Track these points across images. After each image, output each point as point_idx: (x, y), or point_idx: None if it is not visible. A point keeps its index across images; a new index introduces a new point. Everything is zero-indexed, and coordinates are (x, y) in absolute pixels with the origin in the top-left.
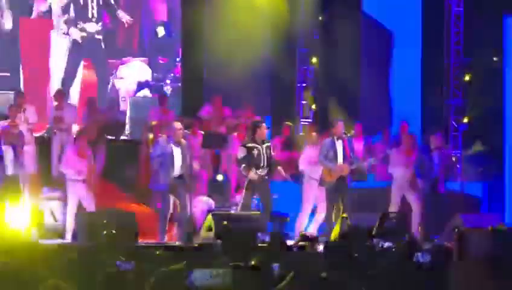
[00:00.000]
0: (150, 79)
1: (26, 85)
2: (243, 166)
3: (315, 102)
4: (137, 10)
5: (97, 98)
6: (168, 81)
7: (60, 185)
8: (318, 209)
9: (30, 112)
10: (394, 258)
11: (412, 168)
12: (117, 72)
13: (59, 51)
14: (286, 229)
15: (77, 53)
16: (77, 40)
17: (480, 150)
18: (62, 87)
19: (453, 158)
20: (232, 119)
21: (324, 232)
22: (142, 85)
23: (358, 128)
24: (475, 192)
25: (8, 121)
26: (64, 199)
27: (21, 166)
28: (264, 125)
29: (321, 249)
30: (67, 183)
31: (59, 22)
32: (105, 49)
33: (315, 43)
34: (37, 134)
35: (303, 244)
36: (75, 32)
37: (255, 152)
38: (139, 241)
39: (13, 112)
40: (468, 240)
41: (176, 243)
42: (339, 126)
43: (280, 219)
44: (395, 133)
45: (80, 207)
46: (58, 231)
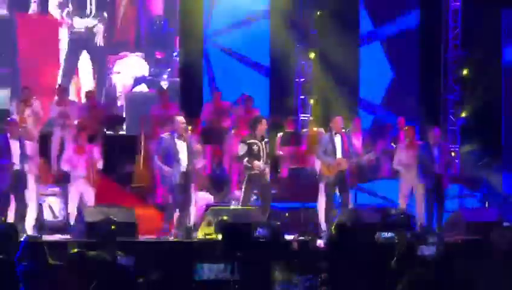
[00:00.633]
0: (147, 74)
1: (24, 81)
2: (246, 159)
3: (313, 97)
4: (133, 5)
5: (96, 93)
6: (165, 76)
7: (59, 181)
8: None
9: (36, 107)
10: (398, 251)
11: (417, 161)
12: (114, 67)
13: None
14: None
15: (75, 48)
16: (75, 35)
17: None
18: (60, 82)
19: (452, 153)
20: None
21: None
22: (139, 80)
23: (356, 123)
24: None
25: (16, 116)
26: (63, 195)
27: (28, 160)
28: (264, 121)
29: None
30: (70, 178)
31: (57, 17)
32: (103, 44)
33: (313, 38)
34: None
35: (303, 239)
36: (74, 26)
37: (255, 148)
38: (139, 237)
39: (20, 107)
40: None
41: (176, 239)
42: (337, 121)
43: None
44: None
45: (81, 203)
46: (57, 227)
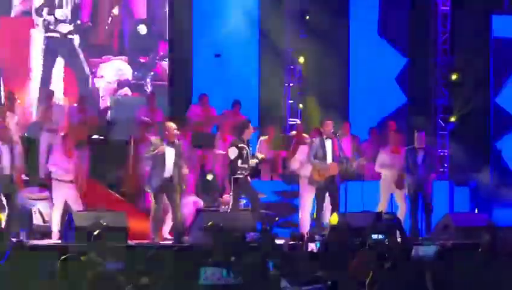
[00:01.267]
0: (130, 78)
1: (6, 85)
2: (240, 161)
3: (302, 101)
4: (116, 8)
5: (85, 98)
6: (148, 79)
7: (48, 186)
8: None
9: (18, 113)
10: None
11: (400, 166)
12: (97, 71)
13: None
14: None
15: (52, 53)
16: (52, 40)
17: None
18: (41, 86)
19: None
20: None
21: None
22: (123, 84)
23: (346, 127)
24: (462, 191)
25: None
26: (51, 200)
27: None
28: (251, 126)
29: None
30: (53, 183)
31: (36, 21)
32: (79, 49)
33: (302, 43)
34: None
35: (294, 243)
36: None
37: (244, 152)
38: (129, 241)
39: (3, 112)
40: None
41: (167, 243)
42: (328, 125)
43: (269, 219)
44: (383, 132)
45: (66, 207)
46: (46, 232)
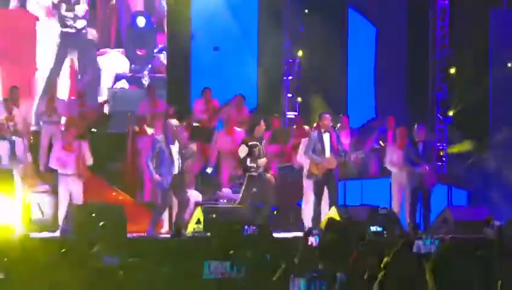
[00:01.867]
0: (128, 71)
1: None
2: (248, 160)
3: (301, 95)
4: (113, 1)
5: (84, 92)
6: (146, 72)
7: (48, 179)
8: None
9: (24, 106)
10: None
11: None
12: None
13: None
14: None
15: (65, 47)
16: (67, 34)
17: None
18: (50, 79)
19: (441, 152)
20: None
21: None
22: (120, 77)
23: (344, 121)
24: (461, 185)
25: (4, 115)
26: (52, 193)
27: (16, 159)
28: (263, 122)
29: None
30: (58, 177)
31: (51, 15)
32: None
33: (301, 36)
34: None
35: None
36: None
37: (255, 150)
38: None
39: (8, 106)
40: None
41: (166, 236)
42: (326, 119)
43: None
44: (381, 126)
45: (70, 200)
46: (45, 225)
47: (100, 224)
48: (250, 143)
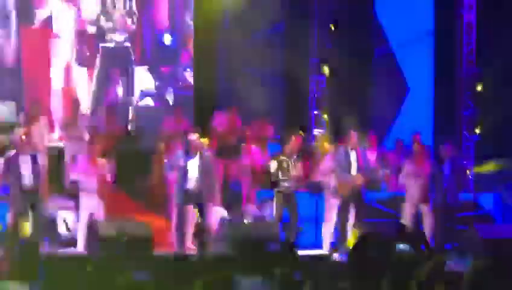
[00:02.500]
0: (152, 87)
1: (28, 93)
2: (279, 175)
3: (327, 112)
4: (139, 18)
5: (113, 109)
6: (171, 89)
7: (73, 195)
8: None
9: (43, 122)
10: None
11: (425, 179)
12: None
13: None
14: (300, 239)
15: (106, 62)
16: (107, 49)
17: (495, 169)
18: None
19: (467, 171)
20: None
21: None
22: (144, 94)
23: (371, 138)
24: (487, 203)
25: (24, 131)
26: (76, 209)
27: (39, 176)
28: (294, 138)
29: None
30: (80, 194)
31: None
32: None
33: (327, 53)
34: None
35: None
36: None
37: (285, 165)
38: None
39: (29, 121)
40: None
41: (191, 253)
42: (353, 136)
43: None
44: (407, 143)
45: (92, 217)
46: (71, 241)
47: (124, 239)
48: (279, 158)
